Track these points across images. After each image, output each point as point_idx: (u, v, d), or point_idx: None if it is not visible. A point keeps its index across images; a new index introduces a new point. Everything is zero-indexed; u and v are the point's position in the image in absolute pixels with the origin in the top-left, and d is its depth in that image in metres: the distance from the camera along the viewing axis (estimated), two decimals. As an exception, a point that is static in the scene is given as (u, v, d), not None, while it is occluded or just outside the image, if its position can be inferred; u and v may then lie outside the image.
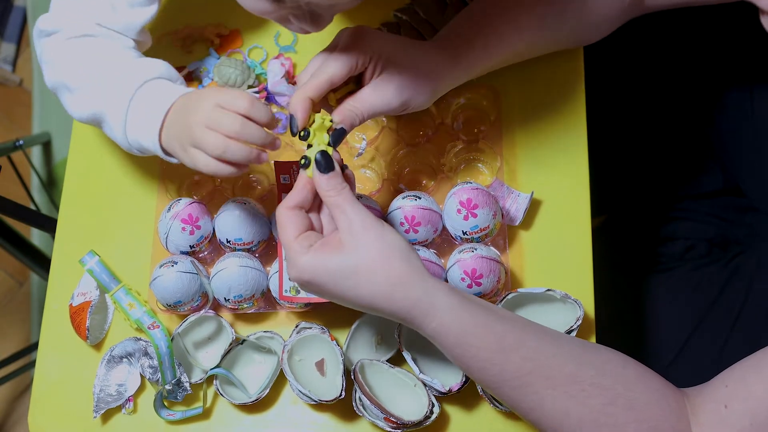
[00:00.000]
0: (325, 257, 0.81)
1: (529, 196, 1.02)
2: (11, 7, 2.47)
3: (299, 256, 0.82)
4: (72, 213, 1.13)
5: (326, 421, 1.01)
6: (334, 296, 0.83)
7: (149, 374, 1.01)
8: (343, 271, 0.81)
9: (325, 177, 0.84)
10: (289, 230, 0.84)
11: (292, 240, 0.83)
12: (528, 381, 0.82)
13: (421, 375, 0.95)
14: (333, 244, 0.82)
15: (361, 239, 0.81)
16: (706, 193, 1.34)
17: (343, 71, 0.87)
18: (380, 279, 0.81)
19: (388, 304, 0.81)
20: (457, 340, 0.82)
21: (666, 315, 1.26)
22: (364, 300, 0.82)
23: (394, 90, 0.89)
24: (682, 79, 1.33)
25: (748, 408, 0.81)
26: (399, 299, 0.81)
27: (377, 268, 0.80)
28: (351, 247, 0.81)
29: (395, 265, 0.81)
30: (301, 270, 0.82)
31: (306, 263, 0.82)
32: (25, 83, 2.41)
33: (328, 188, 0.84)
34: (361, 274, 0.81)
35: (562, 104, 1.11)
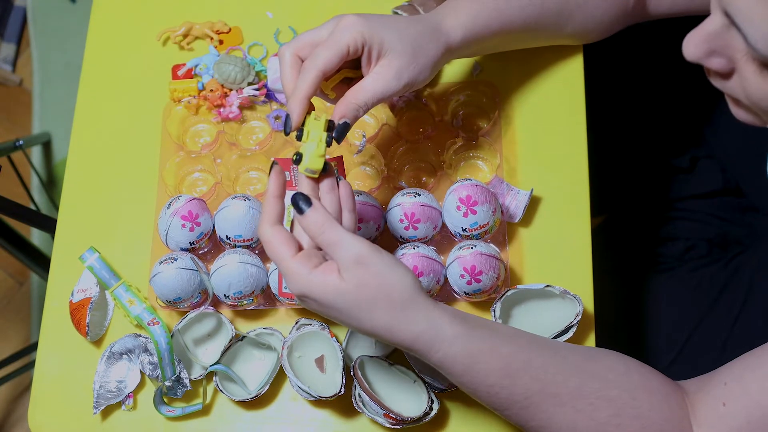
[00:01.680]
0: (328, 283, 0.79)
1: (528, 193, 1.02)
2: (11, 7, 2.48)
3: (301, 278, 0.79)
4: (72, 210, 1.14)
5: (326, 418, 1.01)
6: (335, 317, 0.81)
7: (149, 371, 1.01)
8: (346, 302, 0.79)
9: (306, 216, 0.81)
10: (286, 247, 0.80)
11: (290, 258, 0.80)
12: (536, 401, 0.82)
13: (421, 372, 0.95)
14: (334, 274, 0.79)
15: (359, 274, 0.78)
16: (706, 193, 1.34)
17: (335, 60, 0.86)
18: (382, 311, 0.79)
19: (390, 336, 0.80)
20: (464, 369, 0.81)
21: (666, 315, 1.25)
22: (365, 328, 0.80)
23: (395, 74, 0.89)
24: (682, 79, 1.32)
25: (745, 406, 0.81)
26: (402, 332, 0.79)
27: (377, 303, 0.78)
28: (351, 280, 0.78)
29: (396, 298, 0.79)
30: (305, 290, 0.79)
31: (308, 285, 0.79)
32: (25, 83, 2.41)
33: (317, 225, 0.80)
34: (363, 308, 0.78)
35: (562, 102, 1.11)
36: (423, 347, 0.80)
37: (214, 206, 1.04)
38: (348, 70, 0.92)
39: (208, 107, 1.14)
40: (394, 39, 0.89)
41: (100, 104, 1.20)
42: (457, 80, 1.13)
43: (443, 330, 0.80)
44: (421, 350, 0.80)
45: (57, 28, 2.44)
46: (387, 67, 0.89)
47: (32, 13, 2.47)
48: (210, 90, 1.13)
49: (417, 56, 0.90)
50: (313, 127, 0.87)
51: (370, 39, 0.88)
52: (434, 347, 0.80)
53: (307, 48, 0.89)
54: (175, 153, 1.11)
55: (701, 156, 1.34)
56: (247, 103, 1.13)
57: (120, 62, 1.22)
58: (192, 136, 1.15)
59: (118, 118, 1.18)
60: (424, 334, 0.79)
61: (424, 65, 0.91)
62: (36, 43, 2.43)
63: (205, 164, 1.12)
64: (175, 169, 1.11)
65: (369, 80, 0.89)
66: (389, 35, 0.89)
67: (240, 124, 1.14)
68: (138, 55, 1.21)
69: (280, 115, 1.12)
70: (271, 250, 0.81)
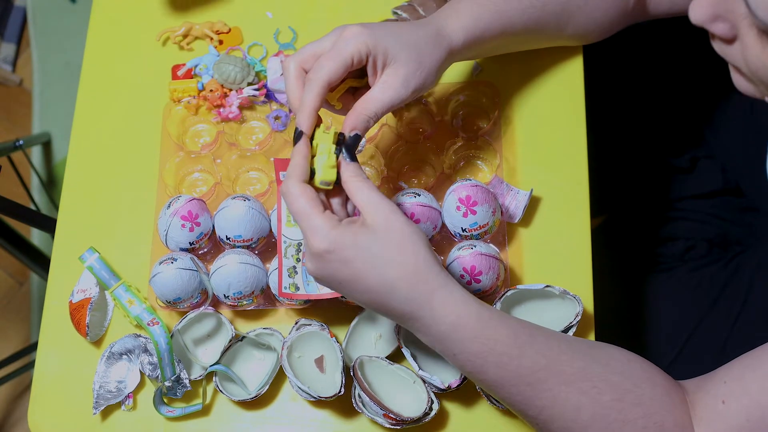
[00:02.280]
0: (357, 231, 0.80)
1: (528, 194, 1.02)
2: (11, 7, 2.48)
3: (329, 229, 0.79)
4: (72, 210, 1.14)
5: (326, 418, 1.01)
6: (354, 276, 0.80)
7: (149, 371, 1.01)
8: (373, 247, 0.79)
9: (352, 164, 0.84)
10: (313, 204, 0.81)
11: (319, 214, 0.81)
12: (543, 377, 0.82)
13: (421, 372, 0.95)
14: (359, 223, 0.81)
15: (389, 221, 0.80)
16: (706, 193, 1.34)
17: (339, 71, 0.86)
18: (407, 260, 0.79)
19: (410, 287, 0.80)
20: (475, 333, 0.81)
21: (666, 315, 1.25)
22: (386, 280, 0.79)
23: (402, 82, 0.89)
24: (682, 79, 1.33)
25: (745, 405, 0.81)
26: (423, 283, 0.80)
27: (406, 249, 0.79)
28: (381, 226, 0.80)
29: (422, 249, 0.80)
30: (331, 241, 0.79)
31: (337, 235, 0.79)
32: (25, 83, 2.41)
33: (354, 174, 0.83)
34: (390, 253, 0.79)
35: (561, 102, 1.11)
36: (438, 305, 0.80)
37: (214, 206, 1.04)
38: (352, 80, 0.92)
39: (208, 107, 1.14)
40: (398, 47, 0.89)
41: (100, 104, 1.20)
42: (457, 80, 1.13)
43: (457, 293, 0.81)
44: (435, 310, 0.80)
45: (57, 28, 2.44)
46: (394, 76, 0.89)
47: (32, 13, 2.47)
48: (210, 90, 1.13)
49: (422, 62, 0.90)
50: (322, 140, 0.86)
51: (374, 49, 0.88)
52: (447, 308, 0.80)
53: (311, 60, 0.89)
54: (174, 153, 1.11)
55: (701, 156, 1.34)
56: (246, 103, 1.13)
57: (120, 62, 1.22)
58: (192, 136, 1.15)
59: (118, 118, 1.18)
60: (441, 292, 0.80)
61: (430, 71, 0.91)
62: (36, 43, 2.43)
63: (205, 164, 1.12)
64: (175, 169, 1.11)
65: (377, 90, 0.89)
66: (393, 43, 0.89)
67: (240, 124, 1.14)
68: (138, 55, 1.21)
69: (279, 115, 1.12)
70: (298, 206, 0.82)
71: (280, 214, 0.98)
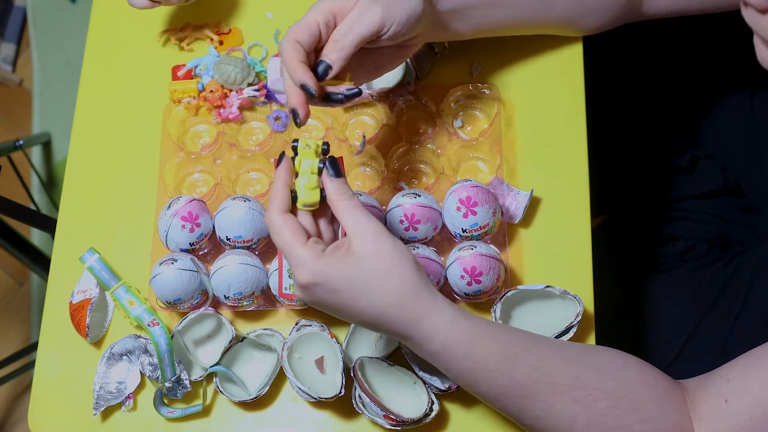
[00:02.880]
0: (342, 260, 0.79)
1: (528, 194, 1.02)
2: (11, 7, 2.48)
3: (312, 261, 0.79)
4: (72, 211, 1.13)
5: (326, 419, 1.01)
6: (344, 304, 0.81)
7: (149, 372, 1.01)
8: (360, 275, 0.79)
9: (336, 181, 0.83)
10: (295, 235, 0.81)
11: (302, 245, 0.80)
12: (536, 389, 0.82)
13: (421, 372, 0.95)
14: (344, 249, 0.80)
15: (376, 244, 0.79)
16: (706, 193, 1.34)
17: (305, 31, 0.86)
18: (395, 285, 0.79)
19: (400, 311, 0.80)
20: (465, 352, 0.81)
21: (666, 315, 1.25)
22: (376, 307, 0.80)
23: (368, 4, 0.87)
24: (682, 79, 1.33)
25: (748, 403, 0.81)
26: (411, 307, 0.80)
27: (393, 274, 0.79)
28: (367, 252, 0.79)
29: (409, 272, 0.80)
30: (315, 274, 0.79)
31: (321, 267, 0.79)
32: (25, 83, 2.41)
33: (339, 193, 0.82)
34: (378, 279, 0.79)
35: (561, 102, 1.11)
36: (427, 326, 0.80)
37: (214, 207, 1.04)
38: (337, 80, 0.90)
39: (208, 108, 1.14)
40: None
41: (100, 104, 1.19)
42: (457, 80, 1.13)
43: (446, 313, 0.80)
44: (425, 331, 0.80)
45: (57, 28, 2.44)
46: (361, 3, 0.88)
47: (32, 13, 2.46)
48: (210, 91, 1.13)
49: None
50: (306, 155, 0.85)
51: (339, 6, 0.88)
52: (438, 327, 0.80)
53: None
54: (175, 154, 1.11)
55: (701, 156, 1.34)
56: (247, 103, 1.13)
57: (120, 62, 1.22)
58: (192, 137, 1.15)
59: (118, 118, 1.18)
60: (431, 312, 0.80)
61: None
62: (36, 43, 2.43)
63: (205, 165, 1.12)
64: (175, 169, 1.11)
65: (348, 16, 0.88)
66: None
67: (240, 124, 1.14)
68: (138, 55, 1.21)
69: (279, 116, 1.12)
70: (280, 238, 0.81)
71: (281, 214, 0.98)
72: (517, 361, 0.82)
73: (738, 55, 1.28)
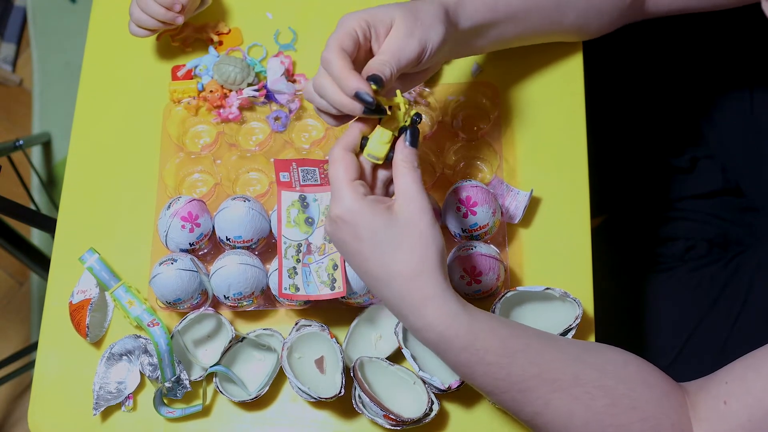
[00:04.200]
0: (376, 211, 0.80)
1: (528, 194, 1.02)
2: (11, 7, 2.48)
3: (350, 199, 0.80)
4: (72, 211, 1.14)
5: (326, 419, 1.01)
6: (359, 254, 0.81)
7: (149, 372, 1.01)
8: (387, 233, 0.79)
9: (408, 149, 0.84)
10: (347, 172, 0.82)
11: (348, 182, 0.81)
12: (533, 385, 0.82)
13: (421, 372, 0.95)
14: (386, 205, 0.81)
15: (416, 214, 0.80)
16: (706, 193, 1.34)
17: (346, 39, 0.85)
18: (414, 260, 0.79)
19: (408, 285, 0.80)
20: (464, 345, 0.81)
21: (666, 315, 1.25)
22: (387, 270, 0.80)
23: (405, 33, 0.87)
24: (681, 79, 1.33)
25: (747, 405, 0.81)
26: (421, 285, 0.80)
27: (418, 248, 0.79)
28: (404, 216, 0.80)
29: (434, 255, 0.80)
30: (348, 210, 0.80)
31: (356, 207, 0.80)
32: (25, 83, 2.41)
33: (407, 159, 0.83)
34: (402, 245, 0.79)
35: (561, 102, 1.11)
36: (432, 310, 0.80)
37: (214, 207, 1.04)
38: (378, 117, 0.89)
39: (208, 108, 1.14)
40: (393, 10, 0.89)
41: (100, 104, 1.20)
42: (457, 80, 1.13)
43: (451, 303, 0.80)
44: (428, 318, 0.80)
45: (57, 28, 2.44)
46: (396, 30, 0.88)
47: (32, 13, 2.47)
48: (210, 91, 1.13)
49: (419, 17, 0.89)
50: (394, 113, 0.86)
51: (373, 20, 0.87)
52: (439, 318, 0.80)
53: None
54: (174, 154, 1.11)
55: (701, 156, 1.34)
56: (246, 104, 1.13)
57: (120, 62, 1.22)
58: (192, 137, 1.15)
59: (118, 118, 1.18)
60: (438, 297, 0.80)
61: (430, 24, 0.90)
62: (36, 43, 2.43)
63: (205, 165, 1.12)
64: (175, 170, 1.11)
65: (385, 44, 0.88)
66: (388, 10, 0.89)
67: (240, 125, 1.14)
68: (138, 55, 1.21)
69: (279, 116, 1.12)
70: (333, 170, 0.83)
71: (280, 214, 0.98)
72: (515, 357, 0.82)
73: (738, 55, 1.28)
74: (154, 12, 1.12)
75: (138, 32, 1.15)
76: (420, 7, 0.91)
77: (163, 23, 1.13)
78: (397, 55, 0.87)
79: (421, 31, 0.89)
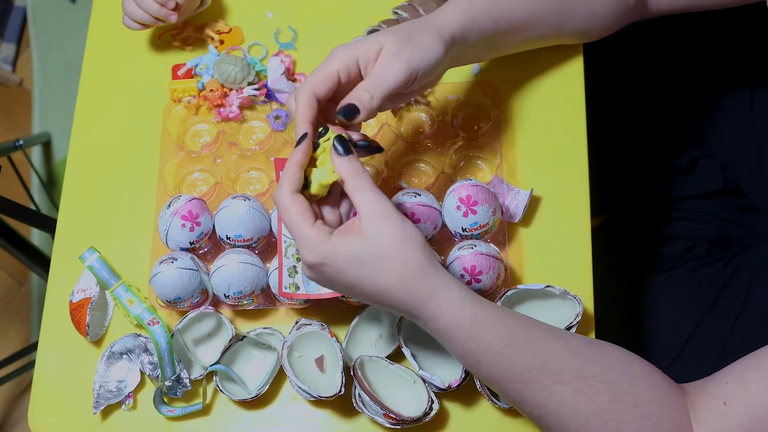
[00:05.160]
0: (347, 243, 0.80)
1: (528, 193, 1.02)
2: (11, 7, 2.48)
3: (320, 243, 0.80)
4: (72, 210, 1.14)
5: (326, 418, 1.01)
6: (350, 284, 0.82)
7: (149, 370, 1.01)
8: (364, 257, 0.80)
9: (345, 160, 0.83)
10: (304, 217, 0.82)
11: (310, 227, 0.81)
12: (537, 376, 0.82)
13: (421, 371, 0.95)
14: (353, 230, 0.81)
15: (383, 226, 0.80)
16: (706, 193, 1.34)
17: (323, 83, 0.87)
18: (400, 267, 0.80)
19: (404, 293, 0.80)
20: (469, 333, 0.81)
21: (666, 315, 1.25)
22: (380, 287, 0.80)
23: (394, 55, 0.88)
24: (682, 79, 1.33)
25: (747, 405, 0.81)
26: (416, 288, 0.80)
27: (397, 256, 0.80)
28: (372, 233, 0.80)
29: (415, 254, 0.80)
30: (322, 256, 0.80)
31: (328, 249, 0.80)
32: (25, 83, 2.41)
33: (348, 172, 0.83)
34: (382, 261, 0.80)
35: (562, 102, 1.11)
36: (433, 306, 0.81)
37: (214, 206, 1.04)
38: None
39: (208, 107, 1.14)
40: (383, 36, 0.89)
41: (100, 104, 1.20)
42: (457, 80, 1.13)
43: (453, 291, 0.81)
44: (429, 311, 0.81)
45: (57, 28, 2.44)
46: (383, 54, 0.88)
47: (32, 13, 2.47)
48: (210, 90, 1.13)
49: (412, 37, 0.89)
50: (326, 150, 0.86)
51: (361, 52, 0.88)
52: (444, 308, 0.81)
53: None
54: (175, 153, 1.11)
55: (701, 156, 1.34)
56: (247, 102, 1.13)
57: (120, 62, 1.22)
58: (192, 136, 1.15)
59: (118, 118, 1.18)
60: (436, 293, 0.80)
61: (423, 45, 0.90)
62: (36, 43, 2.43)
63: (205, 164, 1.12)
64: (175, 169, 1.11)
65: (374, 70, 0.88)
66: (378, 37, 0.89)
67: (240, 123, 1.14)
68: (138, 55, 1.21)
69: (280, 115, 1.12)
70: (289, 218, 0.82)
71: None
72: (520, 347, 0.82)
73: (738, 55, 1.28)
74: (148, 7, 1.12)
75: (131, 25, 1.16)
76: (416, 28, 0.91)
77: (156, 19, 1.13)
78: (380, 79, 0.88)
79: (411, 53, 0.89)
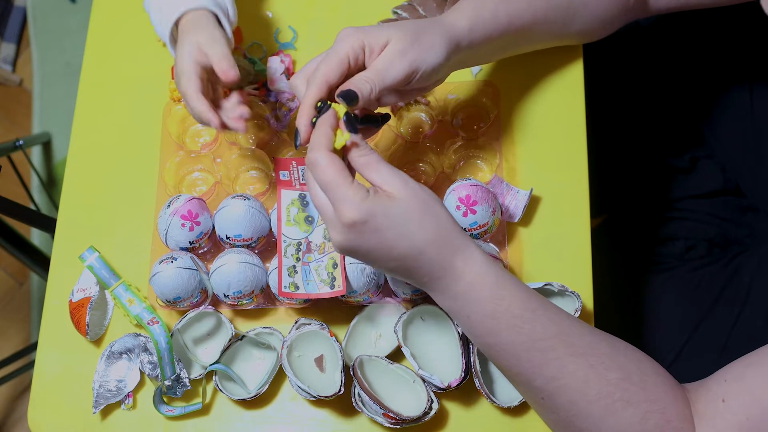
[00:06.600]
0: (386, 202, 0.80)
1: (528, 193, 1.02)
2: (11, 7, 2.48)
3: (361, 200, 0.80)
4: (72, 210, 1.14)
5: (325, 417, 1.01)
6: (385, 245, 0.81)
7: (149, 370, 1.01)
8: (400, 217, 0.80)
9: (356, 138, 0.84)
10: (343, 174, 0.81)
11: (350, 184, 0.81)
12: (553, 344, 0.82)
13: (420, 371, 0.95)
14: (385, 193, 0.81)
15: (408, 189, 0.81)
16: (706, 193, 1.34)
17: (336, 68, 0.87)
18: (433, 223, 0.81)
19: (436, 250, 0.81)
20: (491, 293, 0.82)
21: (666, 315, 1.25)
22: (415, 248, 0.81)
23: (398, 53, 0.88)
24: (682, 79, 1.33)
25: (745, 403, 0.81)
26: (448, 243, 0.82)
27: (429, 213, 0.81)
28: (401, 195, 0.81)
29: (442, 211, 0.83)
30: (364, 212, 0.79)
31: (369, 207, 0.80)
32: (25, 83, 2.41)
33: (359, 152, 0.83)
34: (416, 218, 0.81)
35: (561, 102, 1.11)
36: (459, 264, 0.82)
37: (214, 206, 1.04)
38: None
39: (208, 107, 1.14)
40: (392, 30, 0.89)
41: (100, 104, 1.20)
42: (457, 80, 1.13)
43: (477, 252, 0.83)
44: (458, 268, 0.82)
45: (57, 28, 2.44)
46: (390, 49, 0.89)
47: (32, 13, 2.47)
48: (210, 90, 1.13)
49: (419, 37, 0.90)
50: None
51: (369, 40, 0.88)
52: (469, 266, 0.82)
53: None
54: (175, 152, 1.11)
55: (701, 156, 1.34)
56: (247, 102, 1.13)
57: (120, 62, 1.22)
58: (192, 136, 1.15)
59: (118, 118, 1.18)
60: (464, 250, 0.82)
61: (429, 46, 0.90)
62: (36, 43, 2.44)
63: (205, 164, 1.12)
64: (175, 168, 1.11)
65: (375, 62, 0.88)
66: (387, 30, 0.89)
67: (240, 123, 1.14)
68: (138, 54, 1.22)
69: (279, 114, 1.12)
70: (326, 176, 0.81)
71: (280, 213, 0.98)
72: (539, 312, 0.83)
73: (738, 55, 1.28)
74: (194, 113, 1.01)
75: None
76: (424, 29, 0.91)
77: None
78: (382, 74, 0.88)
79: (416, 53, 0.89)
